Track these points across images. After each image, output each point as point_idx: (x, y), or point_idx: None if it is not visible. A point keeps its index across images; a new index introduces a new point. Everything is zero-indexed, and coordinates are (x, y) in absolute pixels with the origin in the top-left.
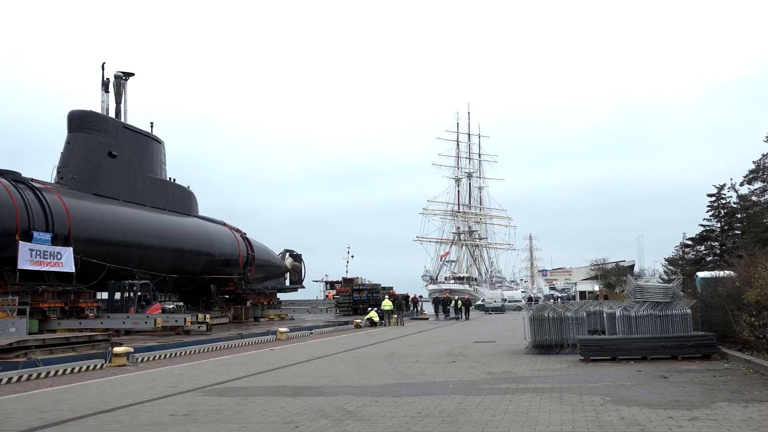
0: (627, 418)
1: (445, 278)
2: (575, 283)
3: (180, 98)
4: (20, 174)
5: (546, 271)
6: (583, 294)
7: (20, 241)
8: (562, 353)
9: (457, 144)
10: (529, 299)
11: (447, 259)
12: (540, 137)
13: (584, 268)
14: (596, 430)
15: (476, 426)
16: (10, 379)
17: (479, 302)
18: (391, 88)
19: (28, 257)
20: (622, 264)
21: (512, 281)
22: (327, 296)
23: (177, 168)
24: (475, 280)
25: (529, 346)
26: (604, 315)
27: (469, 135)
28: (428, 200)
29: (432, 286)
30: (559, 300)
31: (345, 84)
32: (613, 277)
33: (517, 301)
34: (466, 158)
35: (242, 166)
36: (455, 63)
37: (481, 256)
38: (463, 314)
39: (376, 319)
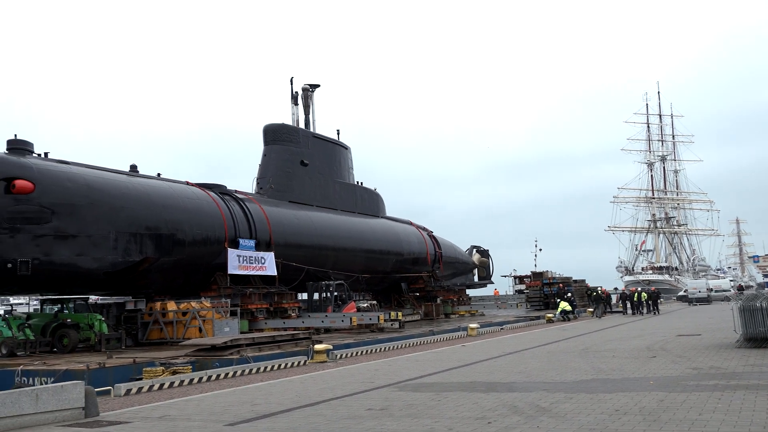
0: None
1: (642, 269)
2: None
3: (359, 106)
4: (225, 187)
5: (758, 257)
6: None
7: (229, 249)
8: None
9: (648, 126)
10: (739, 288)
11: (643, 249)
12: (734, 109)
13: None
14: None
15: (681, 425)
16: (226, 374)
17: (681, 293)
18: (564, 75)
19: (237, 263)
20: None
21: (718, 269)
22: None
23: (363, 172)
24: (676, 269)
25: (740, 340)
26: None
27: (660, 116)
28: (618, 187)
29: (628, 278)
30: None
31: (515, 74)
32: None
33: (725, 290)
34: (659, 141)
35: (421, 166)
36: (637, 39)
37: (680, 243)
38: (650, 308)
39: (569, 308)
